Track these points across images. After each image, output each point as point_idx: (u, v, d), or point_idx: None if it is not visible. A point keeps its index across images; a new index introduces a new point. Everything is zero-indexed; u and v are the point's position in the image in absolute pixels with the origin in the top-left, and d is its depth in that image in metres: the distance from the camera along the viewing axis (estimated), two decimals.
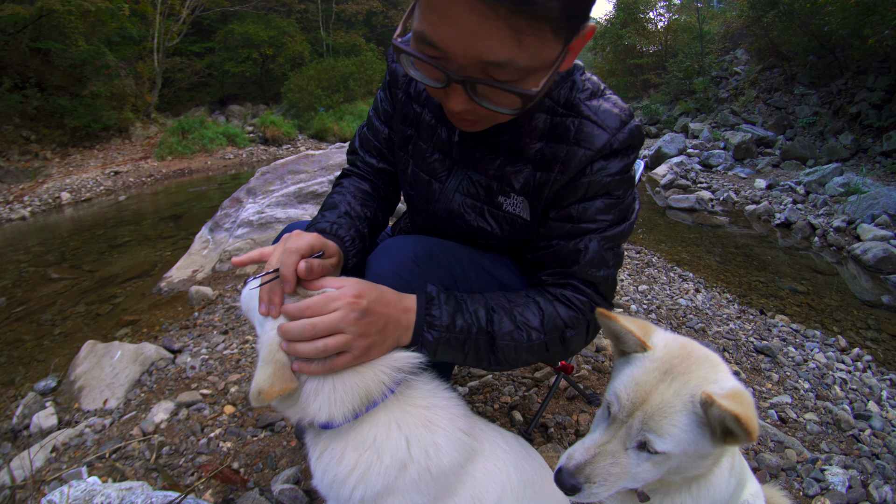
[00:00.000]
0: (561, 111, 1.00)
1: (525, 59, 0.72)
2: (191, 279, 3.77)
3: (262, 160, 13.14)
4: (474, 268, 1.09)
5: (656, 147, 10.68)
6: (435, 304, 0.91)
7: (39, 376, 2.56)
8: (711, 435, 0.70)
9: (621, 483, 0.75)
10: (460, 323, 0.92)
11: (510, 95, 0.77)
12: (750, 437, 0.65)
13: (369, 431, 0.84)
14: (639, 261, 4.31)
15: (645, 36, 20.82)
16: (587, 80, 1.04)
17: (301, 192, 4.49)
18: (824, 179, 7.01)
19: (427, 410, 0.88)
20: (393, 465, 0.83)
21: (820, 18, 10.43)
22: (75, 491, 1.24)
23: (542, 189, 1.03)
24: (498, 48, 0.69)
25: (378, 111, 1.26)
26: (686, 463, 0.74)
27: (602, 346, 2.33)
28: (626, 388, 0.76)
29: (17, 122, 11.18)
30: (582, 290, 1.03)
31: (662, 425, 0.70)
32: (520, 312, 0.98)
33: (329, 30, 22.40)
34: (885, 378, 2.65)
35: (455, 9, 0.67)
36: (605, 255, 1.03)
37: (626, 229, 1.07)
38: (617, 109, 1.00)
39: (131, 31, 13.76)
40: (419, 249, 1.01)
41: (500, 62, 0.71)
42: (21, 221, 8.02)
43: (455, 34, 0.69)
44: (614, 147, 0.98)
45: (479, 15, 0.66)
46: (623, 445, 0.74)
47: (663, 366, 0.75)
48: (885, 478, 1.69)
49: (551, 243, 1.05)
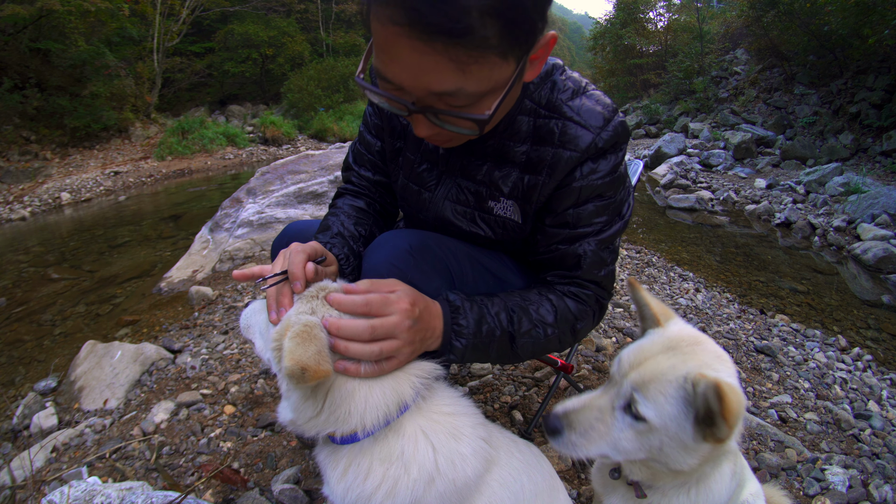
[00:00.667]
0: (543, 113, 1.01)
1: (473, 85, 0.74)
2: (191, 279, 3.77)
3: (262, 160, 13.14)
4: (469, 261, 1.11)
5: (656, 147, 10.68)
6: (461, 313, 0.94)
7: (39, 376, 2.56)
8: (695, 421, 0.70)
9: (601, 445, 0.77)
10: (486, 328, 0.96)
11: (466, 120, 0.80)
12: (727, 420, 0.65)
13: (396, 443, 0.80)
14: (639, 260, 4.31)
15: (645, 36, 20.81)
16: (567, 80, 1.04)
17: (301, 192, 4.49)
18: (824, 179, 7.01)
19: (452, 418, 0.86)
20: (421, 479, 0.79)
21: (820, 18, 10.43)
22: (75, 491, 1.24)
23: (532, 193, 1.05)
24: (443, 79, 0.72)
25: (368, 125, 1.28)
26: (668, 447, 0.74)
27: (602, 345, 2.33)
28: (628, 353, 0.79)
29: (17, 123, 11.18)
30: (587, 286, 1.10)
31: (650, 389, 0.73)
32: (535, 311, 1.03)
33: (329, 30, 22.41)
34: (885, 378, 2.65)
35: (397, 48, 0.70)
36: (602, 255, 1.08)
37: (621, 227, 1.10)
38: (600, 107, 1.00)
39: (131, 32, 13.77)
40: (414, 241, 1.02)
41: (449, 91, 0.74)
42: (21, 222, 8.02)
43: (402, 70, 0.73)
44: (600, 146, 0.98)
45: (418, 52, 0.69)
46: (612, 404, 0.77)
47: (670, 342, 0.78)
48: (885, 477, 1.69)
49: (551, 248, 1.09)
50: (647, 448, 0.76)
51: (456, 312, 0.93)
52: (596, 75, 21.82)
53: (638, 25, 20.93)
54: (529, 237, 1.14)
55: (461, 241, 1.14)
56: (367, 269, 1.03)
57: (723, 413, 0.65)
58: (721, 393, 0.64)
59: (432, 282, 1.01)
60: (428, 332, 0.88)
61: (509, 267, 1.21)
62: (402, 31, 0.68)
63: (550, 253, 1.09)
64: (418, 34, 0.67)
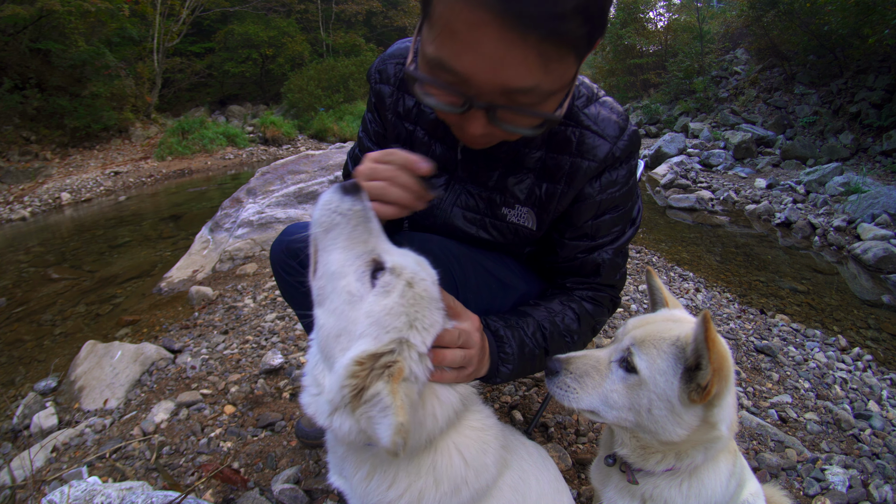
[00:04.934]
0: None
1: (549, 83, 0.71)
2: (191, 279, 3.77)
3: (262, 160, 13.13)
4: (473, 266, 1.10)
5: (656, 147, 10.68)
6: (505, 342, 0.99)
7: (40, 376, 2.56)
8: (683, 375, 0.74)
9: (593, 396, 0.82)
10: (527, 350, 1.02)
11: (531, 118, 0.76)
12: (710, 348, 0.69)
13: (427, 458, 0.79)
14: (639, 260, 4.30)
15: (645, 36, 20.79)
16: (581, 85, 1.04)
17: (301, 193, 4.49)
18: (824, 179, 7.01)
19: (482, 433, 0.86)
20: (449, 491, 0.79)
21: (820, 18, 10.42)
22: (76, 491, 1.24)
23: (551, 201, 1.05)
24: (525, 75, 0.68)
25: (368, 132, 1.25)
26: (657, 409, 0.76)
27: (602, 346, 2.33)
28: (634, 319, 0.88)
29: (17, 123, 11.18)
30: (602, 289, 1.17)
31: (646, 343, 0.79)
32: (561, 321, 1.09)
33: (329, 30, 22.39)
34: (885, 377, 2.65)
35: (482, 37, 0.64)
36: (617, 261, 1.14)
37: (633, 233, 1.17)
38: (615, 116, 1.01)
39: (131, 32, 13.76)
40: (417, 247, 1.01)
41: (527, 88, 0.70)
42: (21, 222, 8.02)
43: (480, 62, 0.67)
44: (616, 156, 1.00)
45: (507, 43, 0.64)
46: (609, 357, 0.84)
47: (673, 316, 0.87)
48: (885, 477, 1.69)
49: (572, 258, 1.13)
50: (637, 406, 0.78)
51: (501, 342, 0.98)
52: (596, 75, 21.80)
53: (638, 25, 20.91)
54: (542, 243, 1.17)
55: (464, 244, 1.13)
56: None
57: (706, 340, 0.69)
58: (706, 321, 0.69)
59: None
60: (484, 360, 0.92)
61: (513, 270, 1.20)
62: (491, 18, 0.62)
63: (570, 262, 1.14)
64: (511, 24, 0.62)
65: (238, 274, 3.66)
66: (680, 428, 0.76)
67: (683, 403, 0.74)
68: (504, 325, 1.01)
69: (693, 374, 0.73)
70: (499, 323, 1.01)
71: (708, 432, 0.77)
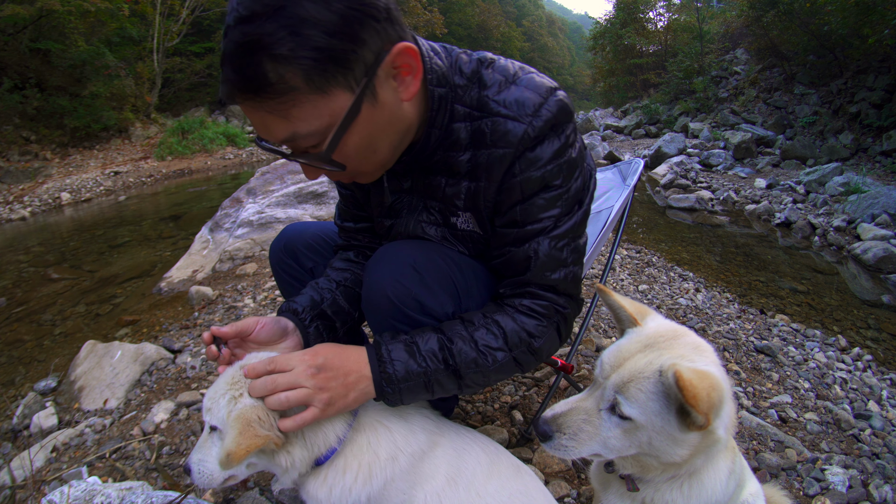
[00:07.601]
0: (476, 115, 0.95)
1: (304, 126, 0.76)
2: (191, 279, 3.77)
3: (262, 160, 13.13)
4: (474, 274, 1.08)
5: (656, 147, 10.68)
6: (385, 361, 0.92)
7: (39, 376, 2.56)
8: (677, 412, 0.71)
9: (592, 445, 0.78)
10: (415, 369, 0.92)
11: (316, 160, 0.83)
12: (695, 407, 0.65)
13: (361, 437, 0.95)
14: (639, 260, 4.30)
15: (645, 36, 20.81)
16: (495, 72, 0.96)
17: (301, 192, 4.49)
18: (824, 179, 7.01)
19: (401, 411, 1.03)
20: (389, 457, 0.94)
21: (820, 18, 10.43)
22: (75, 491, 1.24)
23: (477, 200, 0.99)
24: (278, 129, 0.77)
25: (339, 190, 1.28)
26: (657, 441, 0.75)
27: (602, 345, 2.33)
28: (608, 354, 0.81)
29: (17, 123, 11.18)
30: (540, 296, 1.00)
31: (630, 389, 0.74)
32: (480, 337, 0.95)
33: None
34: (885, 378, 2.65)
35: (245, 112, 0.79)
36: (558, 254, 0.97)
37: (580, 219, 1.00)
38: (529, 92, 0.92)
39: (131, 32, 13.78)
40: (419, 255, 0.99)
41: (287, 138, 0.78)
42: (21, 222, 8.02)
43: (256, 129, 0.81)
44: (533, 134, 0.90)
45: (251, 111, 0.77)
46: (597, 405, 0.79)
47: (647, 340, 0.79)
48: (885, 477, 1.69)
49: (503, 251, 1.01)
50: (637, 443, 0.77)
51: (381, 361, 0.92)
52: (596, 75, 21.82)
53: (638, 25, 20.94)
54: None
55: (458, 253, 1.10)
56: (370, 285, 1.00)
57: (687, 400, 0.65)
58: (680, 380, 0.66)
59: (438, 297, 0.99)
60: (350, 376, 0.90)
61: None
62: (238, 98, 0.76)
63: (502, 257, 1.01)
64: (242, 98, 0.75)
65: (238, 274, 3.66)
66: (682, 449, 0.75)
67: (683, 431, 0.72)
68: (392, 341, 0.94)
69: (687, 409, 0.71)
70: (394, 340, 0.94)
71: (710, 442, 0.77)
